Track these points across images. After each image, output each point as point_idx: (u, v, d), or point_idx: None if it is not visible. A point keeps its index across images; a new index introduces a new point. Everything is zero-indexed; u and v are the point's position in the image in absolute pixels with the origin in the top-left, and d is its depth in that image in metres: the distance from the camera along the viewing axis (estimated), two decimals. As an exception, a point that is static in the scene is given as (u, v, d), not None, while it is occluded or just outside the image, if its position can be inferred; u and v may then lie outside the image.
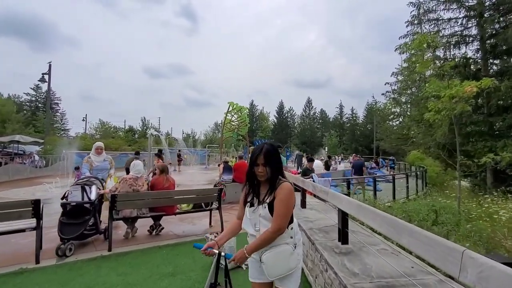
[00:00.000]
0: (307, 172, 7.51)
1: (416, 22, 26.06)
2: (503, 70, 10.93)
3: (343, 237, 2.82)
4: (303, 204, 4.64)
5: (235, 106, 21.71)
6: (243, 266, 3.48)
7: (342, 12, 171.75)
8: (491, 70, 12.59)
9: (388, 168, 21.54)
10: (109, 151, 21.99)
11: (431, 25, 16.15)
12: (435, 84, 6.88)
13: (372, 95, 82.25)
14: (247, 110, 24.05)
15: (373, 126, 44.01)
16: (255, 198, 1.67)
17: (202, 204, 4.97)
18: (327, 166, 14.70)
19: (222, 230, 4.84)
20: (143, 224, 4.95)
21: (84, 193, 4.13)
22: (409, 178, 12.01)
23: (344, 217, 2.82)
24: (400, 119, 34.71)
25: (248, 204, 1.68)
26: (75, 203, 3.96)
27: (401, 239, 1.51)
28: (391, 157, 18.96)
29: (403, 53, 27.89)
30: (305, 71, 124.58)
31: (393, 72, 30.49)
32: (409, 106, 30.23)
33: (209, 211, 5.28)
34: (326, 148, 49.18)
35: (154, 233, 4.78)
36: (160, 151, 13.50)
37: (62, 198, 4.13)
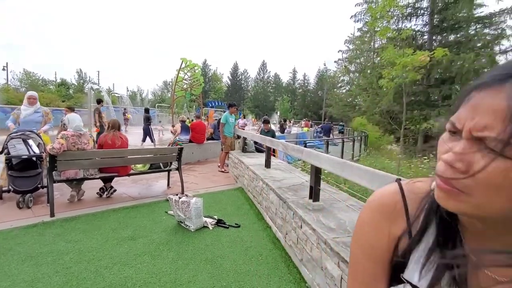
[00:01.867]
0: (264, 134, 7.40)
1: (372, -10, 26.55)
2: (446, 45, 12.02)
3: (315, 194, 2.85)
4: (268, 164, 4.61)
5: (188, 63, 20.19)
6: (210, 226, 3.38)
7: None
8: (435, 44, 13.73)
9: (338, 132, 23.18)
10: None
11: None
12: (391, 52, 7.16)
13: (324, 63, 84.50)
14: (200, 68, 22.64)
15: (323, 93, 45.84)
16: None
17: (160, 164, 4.58)
18: (282, 129, 15.06)
19: (183, 191, 4.61)
20: (91, 187, 4.43)
21: (28, 146, 3.94)
22: (355, 142, 13.14)
23: (317, 175, 2.83)
24: (348, 87, 36.77)
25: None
26: (26, 156, 3.83)
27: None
28: (341, 123, 20.25)
29: (358, 22, 28.71)
30: (262, 31, 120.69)
31: (345, 40, 31.41)
32: (357, 74, 32.00)
33: (167, 172, 4.94)
34: (278, 112, 50.36)
35: (105, 195, 4.31)
36: (147, 110, 12.23)
37: (0, 153, 3.91)
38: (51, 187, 3.52)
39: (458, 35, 13.58)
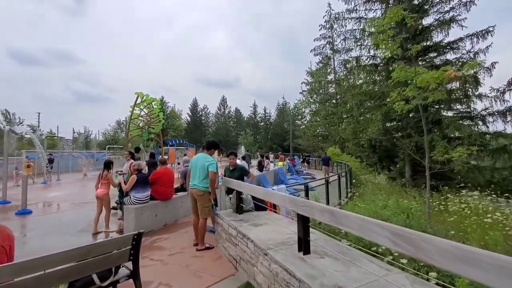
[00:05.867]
0: (228, 173, 5.25)
1: (328, 26, 27.96)
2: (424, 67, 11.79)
3: None
4: (305, 248, 2.54)
5: (144, 97, 17.87)
6: None
7: (247, 17, 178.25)
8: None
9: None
10: None
11: (356, 22, 16.75)
12: (403, 72, 5.96)
13: (282, 96, 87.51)
14: (159, 103, 20.37)
15: (288, 124, 45.94)
16: None
17: (94, 277, 2.22)
18: (260, 166, 13.12)
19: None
20: None
21: None
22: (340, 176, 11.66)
23: None
24: (308, 118, 37.10)
25: None
26: None
27: None
28: (326, 154, 18.97)
29: (317, 55, 29.63)
30: (213, 71, 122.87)
31: (307, 72, 32.09)
32: (317, 105, 32.28)
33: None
34: (243, 147, 49.08)
35: None
36: (152, 155, 8.93)
37: None
38: None
39: (436, 58, 13.65)
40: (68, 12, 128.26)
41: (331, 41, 27.09)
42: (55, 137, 22.30)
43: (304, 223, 2.50)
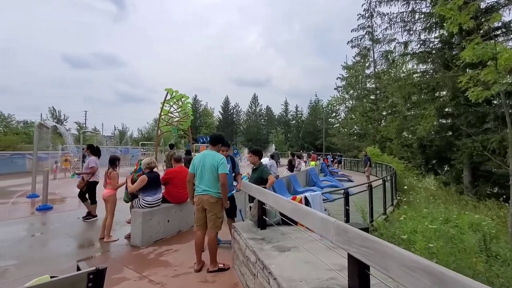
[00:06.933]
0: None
1: (367, 15, 25.79)
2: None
3: None
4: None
5: (174, 94, 17.70)
6: None
7: (280, 17, 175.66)
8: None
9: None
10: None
11: (404, 4, 14.83)
12: (480, 49, 4.55)
13: (315, 94, 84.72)
14: (190, 99, 20.13)
15: (321, 123, 44.02)
16: None
17: None
18: (290, 166, 12.08)
19: None
20: None
21: None
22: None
23: None
24: (343, 115, 34.92)
25: None
26: None
27: None
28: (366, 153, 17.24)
29: (355, 47, 27.58)
30: (246, 71, 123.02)
31: (344, 67, 29.99)
32: (353, 102, 30.08)
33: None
34: (274, 145, 48.16)
35: None
36: (188, 152, 9.26)
37: None
38: None
39: (505, 42, 11.44)
40: (112, 18, 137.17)
41: (371, 31, 24.85)
42: (96, 132, 23.29)
43: (360, 270, 1.50)
